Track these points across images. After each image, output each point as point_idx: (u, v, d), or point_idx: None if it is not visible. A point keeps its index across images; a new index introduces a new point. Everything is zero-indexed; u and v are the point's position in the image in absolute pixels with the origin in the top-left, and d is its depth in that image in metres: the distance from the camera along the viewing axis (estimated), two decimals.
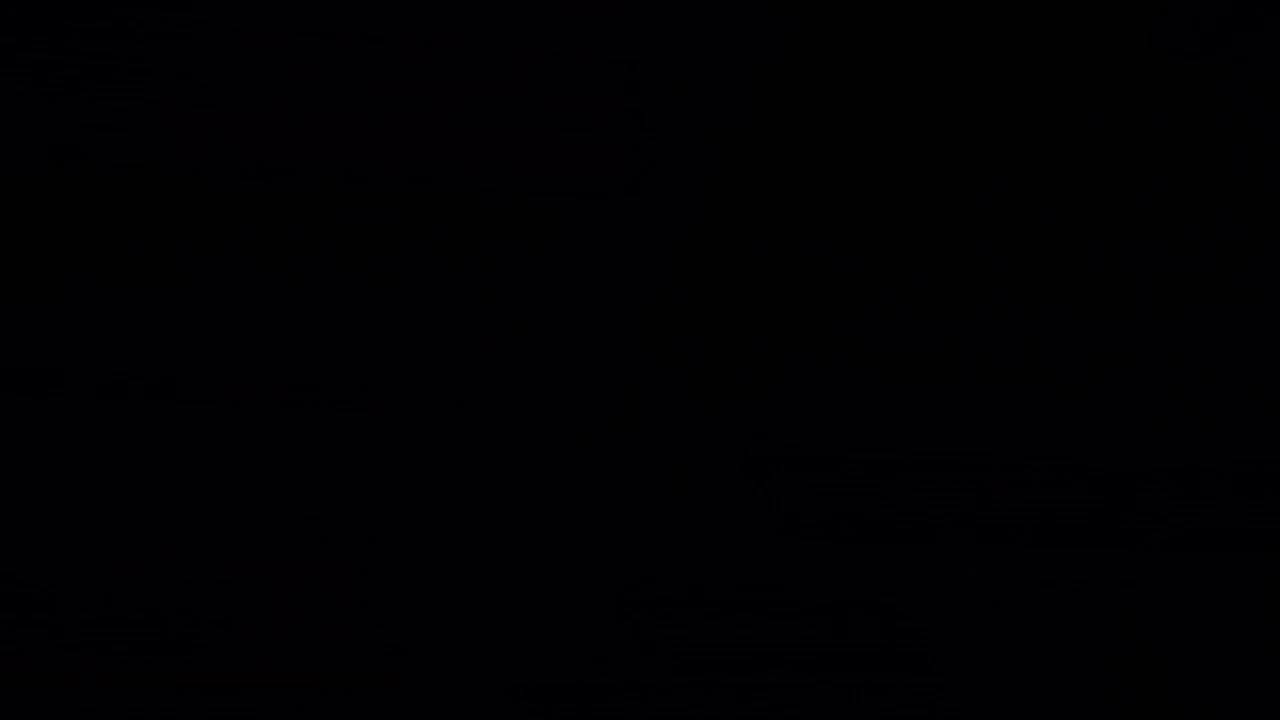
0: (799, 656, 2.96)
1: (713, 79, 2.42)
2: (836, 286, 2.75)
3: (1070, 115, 2.63)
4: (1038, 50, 2.47)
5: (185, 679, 2.68)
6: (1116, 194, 2.78)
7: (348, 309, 2.60)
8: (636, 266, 2.63)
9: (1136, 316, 2.94)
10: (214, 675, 2.68)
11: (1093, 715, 3.11)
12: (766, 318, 2.76)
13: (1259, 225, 2.92)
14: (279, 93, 2.39)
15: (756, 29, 2.35)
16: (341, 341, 2.63)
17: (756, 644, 2.92)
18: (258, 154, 2.44)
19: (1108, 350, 2.97)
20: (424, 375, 2.69)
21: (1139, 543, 3.08)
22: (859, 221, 2.68)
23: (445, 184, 2.51)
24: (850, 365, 2.85)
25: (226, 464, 2.66)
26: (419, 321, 2.64)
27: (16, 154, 2.39)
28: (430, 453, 2.74)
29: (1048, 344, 2.93)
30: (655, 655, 2.86)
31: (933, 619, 3.00)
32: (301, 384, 2.65)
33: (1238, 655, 3.15)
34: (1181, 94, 2.63)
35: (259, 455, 2.67)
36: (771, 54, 2.39)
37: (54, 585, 2.60)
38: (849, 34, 2.39)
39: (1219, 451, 3.09)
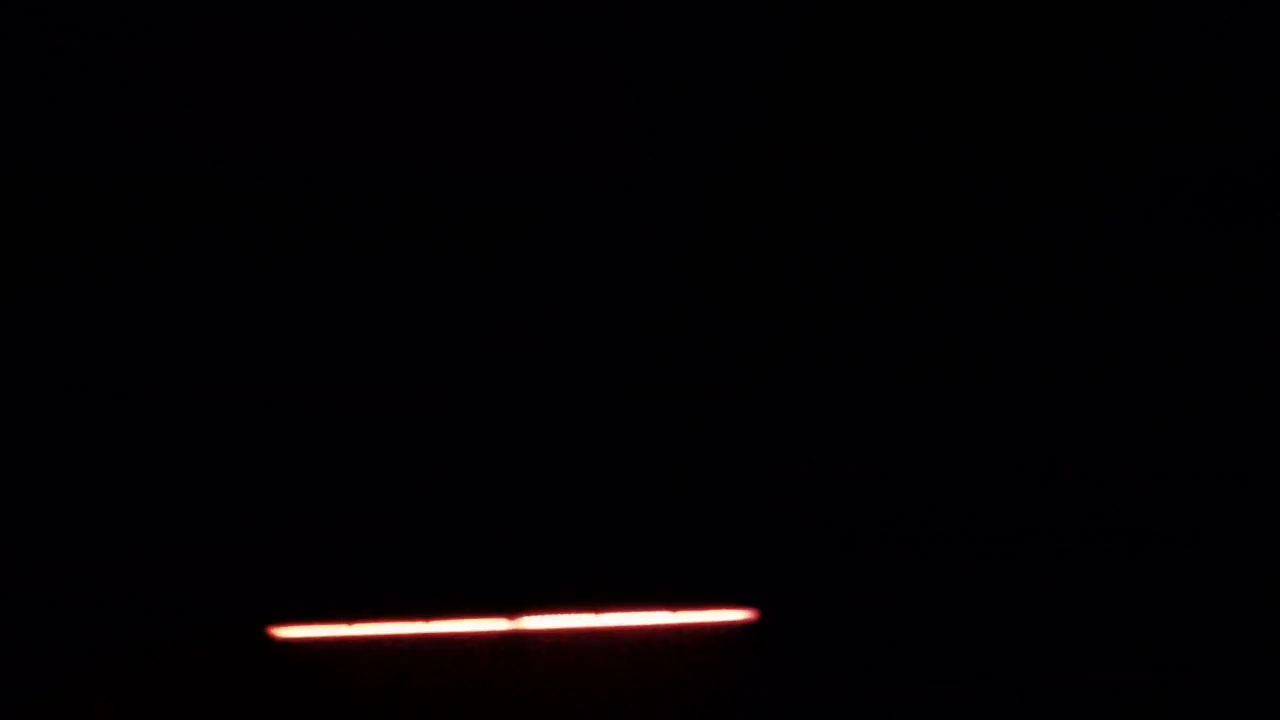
0: (799, 656, 2.96)
1: (713, 79, 2.41)
2: (836, 286, 2.75)
3: (1070, 115, 2.63)
4: (1038, 50, 2.47)
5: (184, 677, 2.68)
6: (1116, 194, 2.78)
7: (348, 309, 2.60)
8: (636, 266, 2.63)
9: (1136, 316, 2.94)
10: (448, 608, 2.69)
11: (1092, 714, 3.11)
12: (766, 318, 2.76)
13: (1259, 225, 2.91)
14: (279, 93, 2.39)
15: (756, 29, 2.35)
16: (341, 341, 2.63)
17: (755, 640, 2.92)
18: (258, 154, 2.44)
19: (1108, 350, 2.97)
20: (424, 375, 2.69)
21: (1139, 543, 3.08)
22: (859, 221, 2.68)
23: (445, 184, 2.51)
24: (850, 365, 2.85)
25: (226, 464, 2.66)
26: (419, 321, 2.64)
27: (16, 154, 2.39)
28: (430, 453, 2.74)
29: (1047, 344, 2.93)
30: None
31: (933, 619, 3.00)
32: (301, 384, 2.65)
33: (1237, 654, 3.14)
34: (1181, 94, 2.63)
35: (258, 455, 2.67)
36: (771, 54, 2.39)
37: (54, 585, 2.60)
38: (849, 34, 2.39)
39: (1219, 451, 3.09)
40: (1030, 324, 2.90)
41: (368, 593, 2.71)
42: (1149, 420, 3.04)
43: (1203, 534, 3.10)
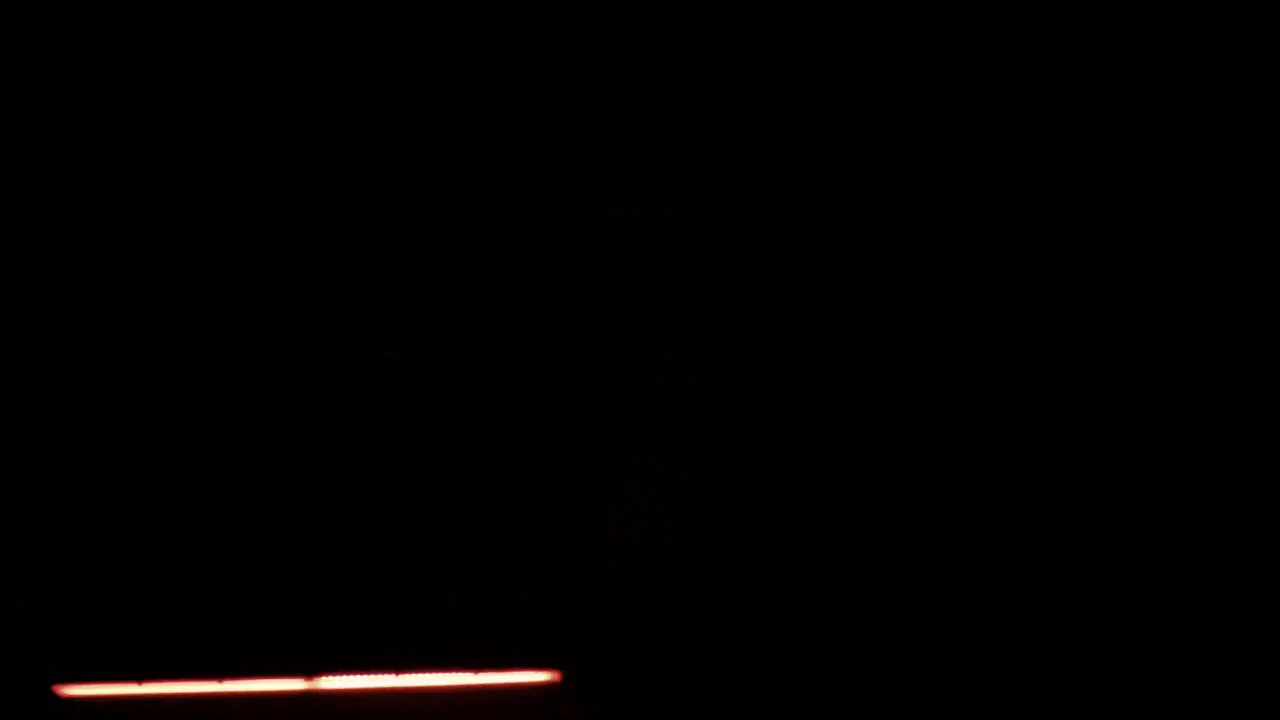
0: (800, 655, 2.96)
1: (713, 79, 2.41)
2: (836, 286, 2.75)
3: (1070, 115, 2.62)
4: (1038, 50, 2.47)
5: (185, 677, 2.68)
6: (1116, 194, 2.78)
7: (348, 309, 2.60)
8: (636, 266, 2.63)
9: (1136, 316, 2.94)
10: (243, 668, 2.68)
11: (1092, 714, 3.11)
12: (766, 318, 2.76)
13: (1259, 225, 2.92)
14: (279, 93, 2.39)
15: (756, 29, 2.35)
16: (341, 341, 2.63)
17: (756, 643, 2.92)
18: (257, 154, 2.44)
19: (1108, 350, 2.97)
20: (424, 375, 2.69)
21: (1139, 543, 3.08)
22: (859, 221, 2.68)
23: (445, 184, 2.51)
24: (850, 365, 2.85)
25: (225, 464, 2.66)
26: (419, 321, 2.64)
27: (17, 154, 2.39)
28: (430, 453, 2.74)
29: (1047, 344, 2.93)
30: (676, 654, 2.86)
31: (933, 619, 3.00)
32: (301, 384, 2.65)
33: (1237, 654, 3.14)
34: (1181, 94, 2.63)
35: (257, 456, 2.67)
36: (771, 54, 2.39)
37: (54, 585, 2.60)
38: (849, 34, 2.39)
39: (1219, 451, 3.09)
40: (1030, 324, 2.90)
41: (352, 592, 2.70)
42: (1149, 420, 3.04)
43: (1203, 534, 3.11)
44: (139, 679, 2.60)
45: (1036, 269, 2.84)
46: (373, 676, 2.71)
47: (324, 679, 2.71)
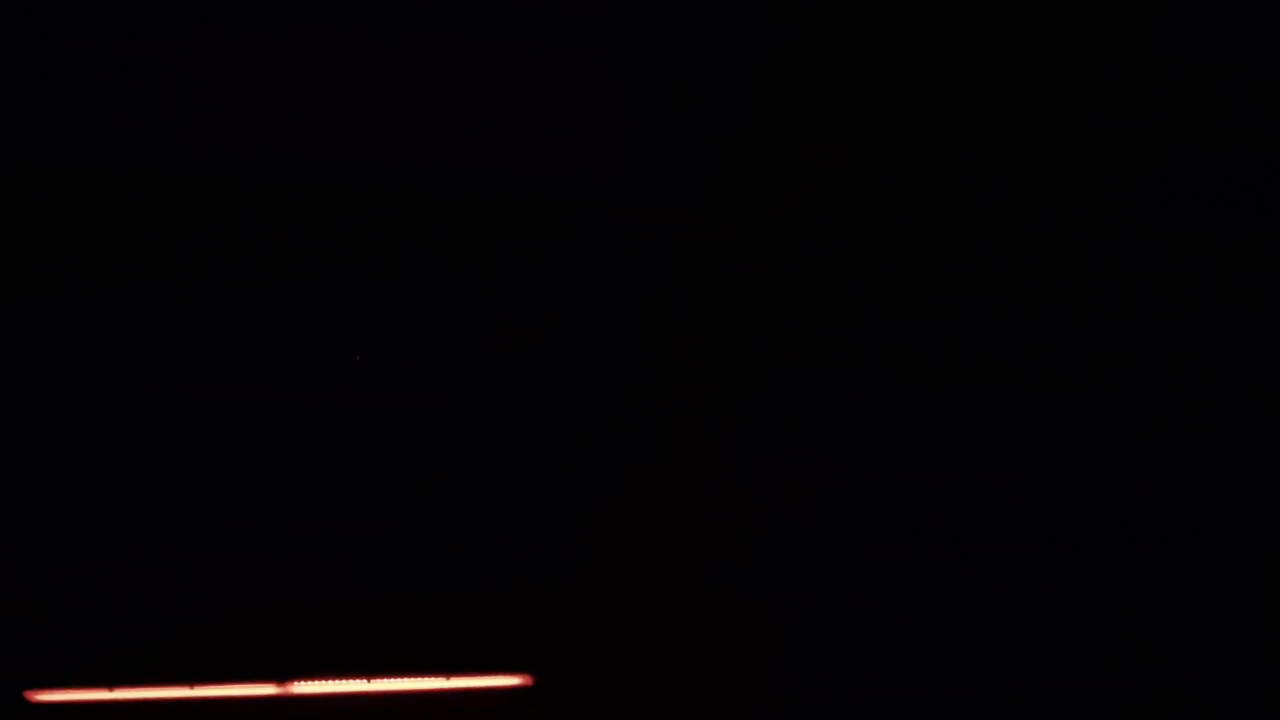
0: (799, 655, 2.96)
1: (713, 79, 2.42)
2: (836, 286, 2.75)
3: (1070, 115, 2.63)
4: (1038, 50, 2.48)
5: (185, 677, 2.68)
6: (1116, 194, 2.78)
7: (348, 309, 2.60)
8: (637, 266, 2.64)
9: (1137, 316, 2.94)
10: (214, 673, 2.68)
11: (1092, 714, 3.11)
12: (766, 318, 2.76)
13: (1259, 225, 2.92)
14: (279, 93, 2.39)
15: (756, 29, 2.36)
16: (341, 341, 2.63)
17: (756, 643, 2.92)
18: (258, 153, 2.44)
19: (1108, 350, 2.97)
20: (424, 375, 2.69)
21: (1139, 543, 3.08)
22: (859, 221, 2.68)
23: (445, 184, 2.51)
24: (850, 365, 2.85)
25: (225, 464, 2.66)
26: (419, 321, 2.64)
27: (17, 154, 2.39)
28: (430, 453, 2.74)
29: (1047, 344, 2.93)
30: (657, 656, 2.87)
31: (933, 619, 3.00)
32: (301, 384, 2.65)
33: (1237, 654, 3.15)
34: (1181, 94, 2.63)
35: (257, 456, 2.67)
36: (771, 54, 2.39)
37: (54, 585, 2.60)
38: (849, 34, 2.39)
39: (1219, 451, 3.09)
40: (1030, 324, 2.90)
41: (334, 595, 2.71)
42: (1149, 420, 3.04)
43: (1203, 534, 3.11)
44: (110, 684, 2.60)
45: (1036, 269, 2.84)
46: (342, 681, 2.71)
47: (297, 683, 2.71)
